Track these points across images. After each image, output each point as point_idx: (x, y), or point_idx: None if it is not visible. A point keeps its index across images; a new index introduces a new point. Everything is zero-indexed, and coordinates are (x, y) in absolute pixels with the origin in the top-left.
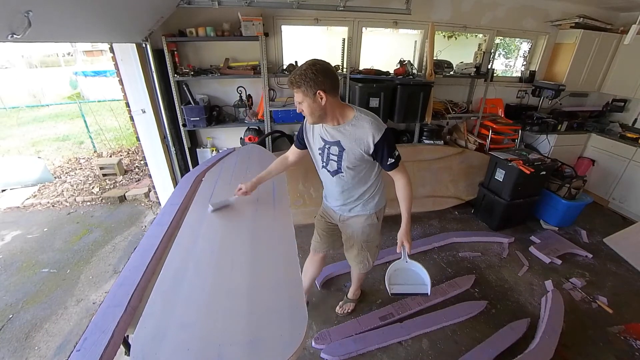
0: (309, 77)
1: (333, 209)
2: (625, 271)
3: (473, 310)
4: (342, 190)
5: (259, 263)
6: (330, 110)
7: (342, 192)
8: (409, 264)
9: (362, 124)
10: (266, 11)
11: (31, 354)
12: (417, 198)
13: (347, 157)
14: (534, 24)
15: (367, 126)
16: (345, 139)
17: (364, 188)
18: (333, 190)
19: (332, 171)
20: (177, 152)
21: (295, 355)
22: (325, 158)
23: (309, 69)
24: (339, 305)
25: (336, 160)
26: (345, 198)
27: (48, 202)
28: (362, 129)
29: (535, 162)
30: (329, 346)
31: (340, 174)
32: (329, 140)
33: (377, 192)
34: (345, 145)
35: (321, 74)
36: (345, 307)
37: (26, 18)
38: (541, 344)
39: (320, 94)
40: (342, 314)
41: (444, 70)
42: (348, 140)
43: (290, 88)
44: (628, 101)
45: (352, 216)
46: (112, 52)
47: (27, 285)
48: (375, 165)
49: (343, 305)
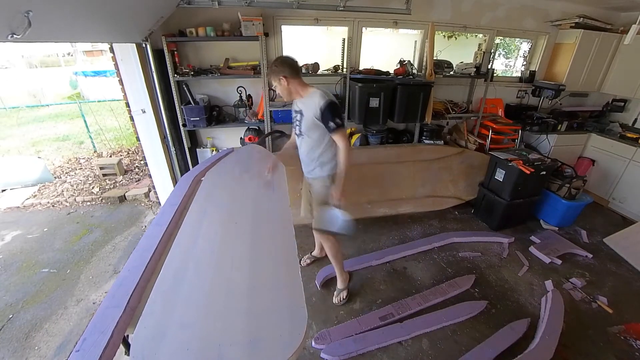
0: (272, 68)
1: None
2: (625, 271)
3: (473, 310)
4: (306, 151)
5: (259, 263)
6: (294, 89)
7: (306, 153)
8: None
9: (314, 96)
10: (266, 11)
11: (31, 354)
12: (417, 198)
13: (305, 121)
14: (534, 24)
15: (317, 97)
16: (304, 107)
17: (319, 150)
18: (301, 152)
19: (298, 133)
20: (177, 152)
21: (295, 355)
22: (295, 124)
23: (273, 63)
24: (334, 296)
25: (299, 124)
26: (309, 159)
27: (48, 202)
28: (314, 99)
29: (535, 162)
30: (329, 346)
31: (302, 136)
32: (296, 110)
33: (331, 158)
34: (304, 112)
35: (280, 64)
36: (340, 296)
37: (26, 18)
38: (541, 344)
39: (282, 78)
40: (338, 303)
41: (444, 70)
42: (305, 107)
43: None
44: (628, 101)
45: (313, 178)
46: (112, 52)
47: (27, 285)
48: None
49: (338, 295)
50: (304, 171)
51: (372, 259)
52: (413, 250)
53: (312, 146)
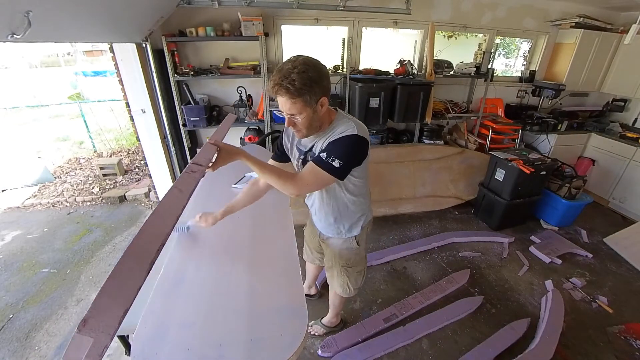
0: (313, 80)
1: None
2: (625, 271)
3: (471, 306)
4: (319, 205)
5: (259, 263)
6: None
7: (319, 208)
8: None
9: (338, 128)
10: (266, 11)
11: (31, 354)
12: (417, 198)
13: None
14: (534, 23)
15: (340, 129)
16: (319, 145)
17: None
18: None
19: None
20: (177, 152)
21: (295, 355)
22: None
23: (309, 68)
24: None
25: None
26: (321, 215)
27: (48, 202)
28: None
29: (536, 161)
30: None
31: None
32: (304, 150)
33: (355, 212)
34: (316, 149)
35: (320, 76)
36: (314, 329)
37: (26, 18)
38: (541, 343)
39: (323, 101)
40: (310, 331)
41: (444, 70)
42: (320, 141)
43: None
44: (628, 101)
45: (329, 237)
46: (112, 52)
47: (27, 285)
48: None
49: (313, 326)
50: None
51: (372, 258)
52: (413, 250)
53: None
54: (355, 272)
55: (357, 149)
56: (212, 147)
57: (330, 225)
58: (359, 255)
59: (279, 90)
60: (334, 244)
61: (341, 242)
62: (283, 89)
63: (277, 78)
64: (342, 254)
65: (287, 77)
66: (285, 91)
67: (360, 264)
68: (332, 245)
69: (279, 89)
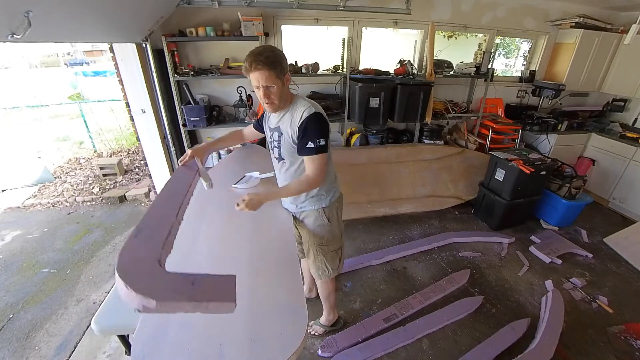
0: (280, 57)
1: (288, 209)
2: (626, 271)
3: (471, 306)
4: (287, 178)
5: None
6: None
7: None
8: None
9: (297, 107)
10: (266, 11)
11: (31, 354)
12: (418, 198)
13: (285, 143)
14: (534, 23)
15: (300, 109)
16: (284, 123)
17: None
18: (279, 178)
19: (277, 157)
20: (177, 152)
21: (295, 355)
22: (271, 146)
23: (275, 49)
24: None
25: (277, 146)
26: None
27: (48, 202)
28: (297, 112)
29: (536, 161)
30: (335, 357)
31: (282, 161)
32: (272, 127)
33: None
34: (283, 129)
35: (282, 56)
36: (314, 329)
37: (26, 18)
38: (541, 343)
39: (287, 77)
40: (310, 331)
41: (444, 70)
42: (284, 124)
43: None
44: (628, 101)
45: (303, 215)
46: (112, 52)
47: (27, 285)
48: None
49: (313, 326)
50: (287, 208)
51: (372, 258)
52: (413, 250)
53: (297, 176)
54: (330, 250)
55: (325, 124)
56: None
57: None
58: (331, 233)
59: (256, 66)
60: (308, 223)
61: (313, 219)
62: (260, 63)
63: (251, 57)
64: (316, 232)
65: (261, 55)
66: (262, 65)
67: (334, 242)
68: (307, 225)
69: (256, 65)
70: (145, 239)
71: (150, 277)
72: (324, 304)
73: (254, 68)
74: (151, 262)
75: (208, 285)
